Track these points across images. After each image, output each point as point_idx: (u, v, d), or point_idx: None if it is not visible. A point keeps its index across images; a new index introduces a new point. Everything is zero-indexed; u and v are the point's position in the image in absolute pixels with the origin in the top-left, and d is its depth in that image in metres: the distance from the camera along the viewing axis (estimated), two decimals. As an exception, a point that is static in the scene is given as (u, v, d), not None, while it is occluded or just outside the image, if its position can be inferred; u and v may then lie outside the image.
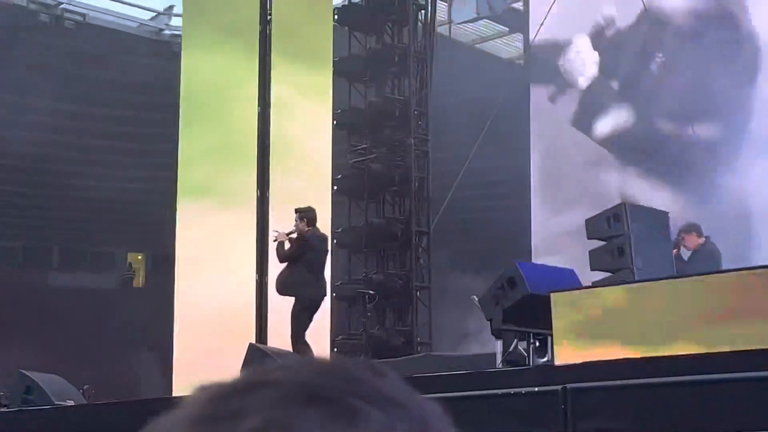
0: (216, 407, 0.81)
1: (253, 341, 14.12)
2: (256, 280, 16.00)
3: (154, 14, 25.48)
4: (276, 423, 0.79)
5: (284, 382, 0.82)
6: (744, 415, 7.10)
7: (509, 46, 25.25)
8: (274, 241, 12.30)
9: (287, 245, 12.12)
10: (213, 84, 16.92)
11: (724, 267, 11.76)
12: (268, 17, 16.98)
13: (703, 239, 11.90)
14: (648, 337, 8.45)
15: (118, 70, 24.49)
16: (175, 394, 13.22)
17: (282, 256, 12.14)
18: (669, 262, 11.26)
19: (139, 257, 31.88)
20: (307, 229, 12.14)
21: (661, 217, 11.51)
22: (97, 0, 23.93)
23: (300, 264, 11.99)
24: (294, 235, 12.14)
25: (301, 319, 12.01)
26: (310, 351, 11.91)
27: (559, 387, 7.06)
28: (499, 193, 23.00)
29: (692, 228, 11.96)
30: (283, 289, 12.16)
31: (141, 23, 25.19)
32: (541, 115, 20.76)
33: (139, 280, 31.50)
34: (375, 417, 0.82)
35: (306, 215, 12.28)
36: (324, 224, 16.90)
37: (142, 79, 24.01)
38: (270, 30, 16.91)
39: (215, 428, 0.80)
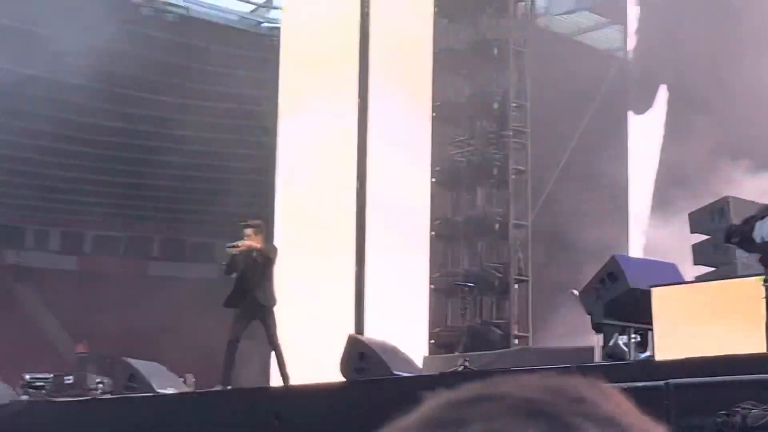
0: (445, 413, 0.88)
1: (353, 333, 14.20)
2: (356, 272, 16.06)
3: (254, 7, 25.70)
4: None
5: (510, 396, 0.87)
6: None
7: (608, 38, 24.94)
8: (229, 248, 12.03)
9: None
10: (311, 77, 16.99)
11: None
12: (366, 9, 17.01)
13: None
14: (750, 334, 8.30)
15: (219, 63, 24.72)
16: (272, 383, 13.34)
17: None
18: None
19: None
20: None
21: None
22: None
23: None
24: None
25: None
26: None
27: (662, 383, 6.96)
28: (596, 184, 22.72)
29: None
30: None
31: (241, 16, 25.41)
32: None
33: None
34: None
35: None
36: (423, 216, 16.94)
37: (242, 72, 24.20)
38: (368, 24, 16.92)
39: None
